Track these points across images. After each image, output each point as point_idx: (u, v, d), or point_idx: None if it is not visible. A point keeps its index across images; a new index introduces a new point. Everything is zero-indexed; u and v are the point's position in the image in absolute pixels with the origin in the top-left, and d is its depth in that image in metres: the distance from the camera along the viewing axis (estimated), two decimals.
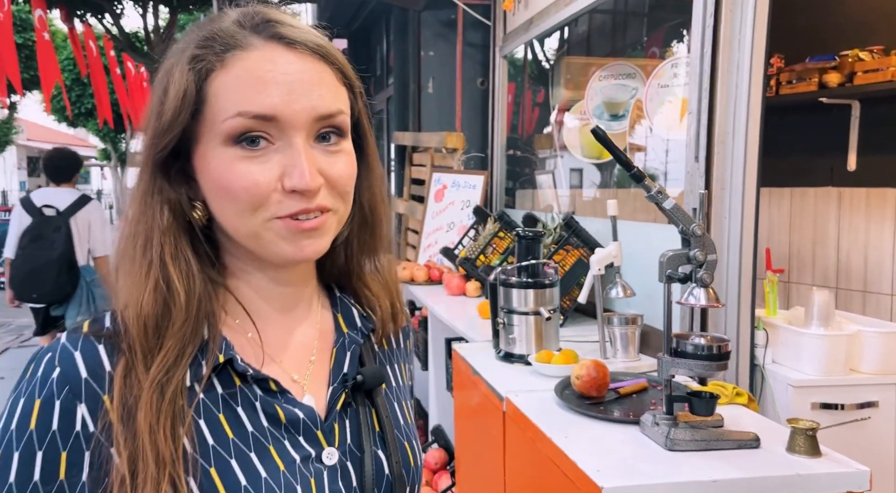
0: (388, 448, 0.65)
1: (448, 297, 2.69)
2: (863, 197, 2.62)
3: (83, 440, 0.54)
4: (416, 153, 3.94)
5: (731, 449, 1.13)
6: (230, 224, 0.59)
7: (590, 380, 1.38)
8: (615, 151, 1.17)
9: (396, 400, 0.70)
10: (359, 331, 0.69)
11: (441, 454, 2.43)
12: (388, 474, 0.64)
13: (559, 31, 3.27)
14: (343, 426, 0.63)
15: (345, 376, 0.65)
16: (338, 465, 0.61)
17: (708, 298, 1.14)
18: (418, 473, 0.68)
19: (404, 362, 0.76)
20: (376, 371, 0.66)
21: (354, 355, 0.67)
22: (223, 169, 0.57)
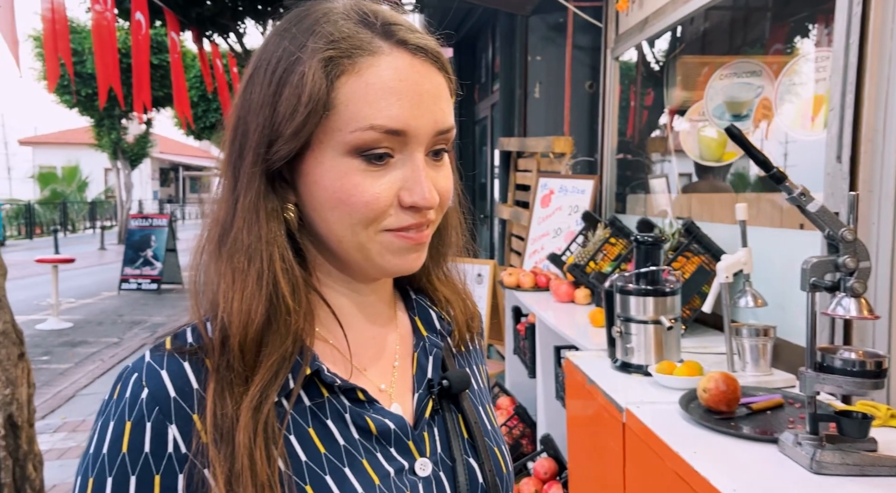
0: (480, 456, 0.62)
1: (556, 304, 2.65)
2: None
3: (176, 462, 0.52)
4: (522, 159, 3.92)
5: (888, 476, 1.02)
6: (335, 235, 0.57)
7: (718, 393, 1.30)
8: (752, 150, 1.10)
9: (480, 404, 0.68)
10: (438, 334, 0.67)
11: (551, 464, 2.39)
12: (483, 482, 0.61)
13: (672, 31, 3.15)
14: (432, 435, 0.61)
15: (430, 381, 0.63)
16: (431, 476, 0.59)
17: (860, 309, 1.05)
18: (511, 480, 0.66)
19: (481, 364, 0.74)
20: (462, 374, 0.64)
21: (437, 359, 0.65)
22: (343, 180, 0.55)
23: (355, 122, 0.54)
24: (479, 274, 3.62)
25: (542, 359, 2.59)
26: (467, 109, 6.24)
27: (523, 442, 2.76)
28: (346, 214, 0.56)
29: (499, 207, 4.32)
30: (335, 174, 0.55)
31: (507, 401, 3.01)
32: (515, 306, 3.07)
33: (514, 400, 2.99)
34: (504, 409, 2.95)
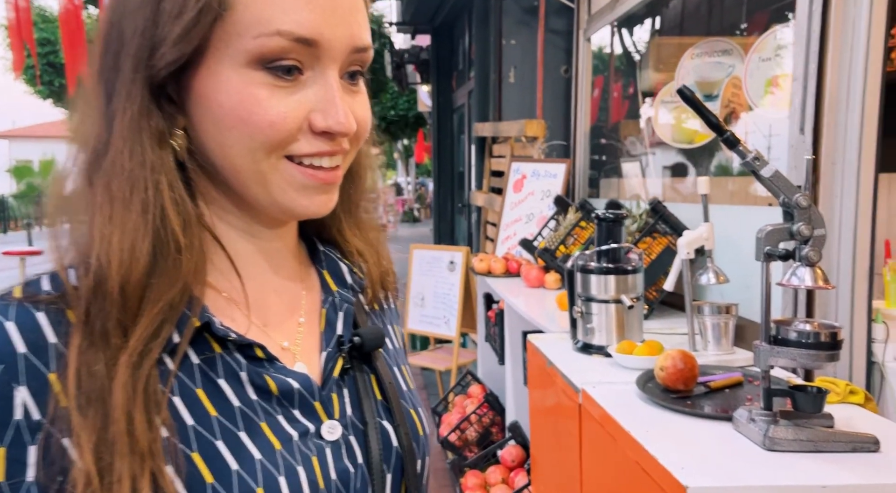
0: (395, 418, 0.56)
1: (527, 289, 2.60)
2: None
3: (27, 431, 0.44)
4: (496, 144, 3.86)
5: (844, 452, 0.98)
6: (232, 163, 0.50)
7: (675, 372, 1.25)
8: (705, 113, 1.05)
9: (395, 365, 0.62)
10: (349, 288, 0.60)
11: (518, 451, 2.34)
12: (397, 446, 0.56)
13: (649, 15, 3.10)
14: (342, 396, 0.55)
15: (340, 338, 0.56)
16: (341, 440, 0.53)
17: (815, 278, 1.00)
18: (427, 443, 0.60)
19: (396, 324, 0.68)
20: (375, 331, 0.58)
21: (348, 316, 0.58)
22: (244, 95, 0.48)
23: (259, 25, 0.47)
24: (452, 261, 3.57)
25: (511, 345, 2.54)
26: (445, 98, 6.17)
27: (493, 430, 2.72)
28: (247, 137, 0.48)
29: (473, 194, 4.27)
30: (234, 88, 0.47)
31: (477, 389, 2.97)
32: (487, 292, 3.02)
33: (485, 388, 2.95)
34: (475, 397, 2.91)
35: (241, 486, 0.46)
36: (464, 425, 2.71)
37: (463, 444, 2.72)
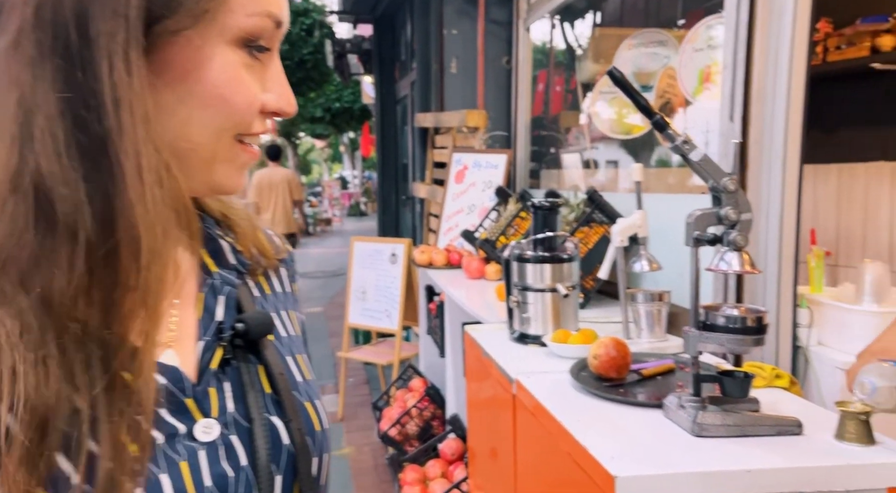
0: (286, 413, 0.51)
1: (468, 281, 2.57)
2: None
3: None
4: (439, 135, 3.82)
5: (769, 436, 0.98)
6: (190, 139, 0.47)
7: (608, 360, 1.24)
8: (635, 95, 1.03)
9: (289, 353, 0.56)
10: (233, 270, 0.54)
11: (458, 444, 2.32)
12: (289, 444, 0.50)
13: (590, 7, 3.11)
14: (222, 391, 0.49)
15: (220, 325, 0.51)
16: (219, 441, 0.47)
17: (742, 263, 1.00)
18: (326, 438, 0.55)
19: (293, 310, 0.62)
20: (262, 316, 0.52)
21: (231, 300, 0.52)
22: (230, 76, 0.46)
23: (251, 4, 0.46)
24: (394, 254, 3.51)
25: (452, 337, 2.51)
26: (388, 89, 6.09)
27: (434, 424, 2.68)
28: (223, 116, 0.47)
29: (416, 186, 4.22)
30: (220, 65, 0.46)
31: (419, 383, 2.93)
32: (428, 284, 2.98)
33: (427, 381, 2.91)
34: (416, 391, 2.87)
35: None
36: (404, 419, 2.67)
37: (403, 438, 2.67)
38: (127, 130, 0.41)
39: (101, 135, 0.40)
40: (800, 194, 1.38)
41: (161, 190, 0.42)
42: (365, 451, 3.16)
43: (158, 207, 0.42)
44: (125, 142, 0.41)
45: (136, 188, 0.41)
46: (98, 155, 0.40)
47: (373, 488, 2.78)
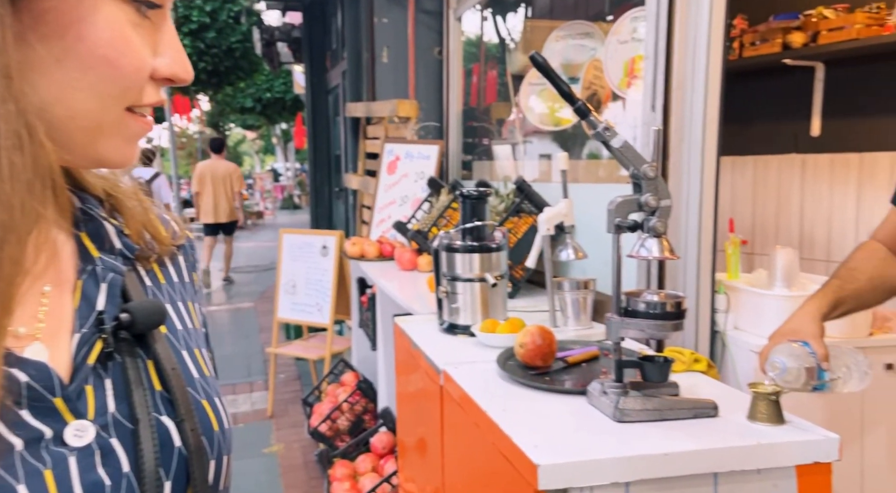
0: (179, 412, 0.46)
1: (400, 272, 2.54)
2: (826, 164, 2.54)
3: None
4: (371, 126, 3.76)
5: (686, 419, 1.00)
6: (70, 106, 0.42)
7: (534, 348, 1.24)
8: (557, 82, 1.03)
9: (186, 348, 0.51)
10: (118, 255, 0.49)
11: (389, 438, 2.29)
12: (181, 446, 0.46)
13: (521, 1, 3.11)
14: (102, 389, 0.44)
15: (100, 315, 0.45)
16: (94, 445, 0.42)
17: (661, 249, 1.01)
18: (226, 439, 0.50)
19: (192, 301, 0.57)
20: (152, 306, 0.47)
21: (115, 288, 0.47)
22: (115, 34, 0.41)
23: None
24: (325, 246, 3.44)
25: (383, 330, 2.47)
26: (319, 78, 5.96)
27: (366, 418, 2.65)
28: (108, 81, 0.42)
29: (348, 177, 4.15)
30: (105, 22, 0.41)
31: (351, 377, 2.88)
32: (360, 277, 2.94)
33: (359, 375, 2.87)
34: (348, 385, 2.82)
35: None
36: (335, 414, 2.62)
37: (334, 434, 2.62)
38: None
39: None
40: (717, 184, 1.42)
41: (22, 157, 0.37)
42: (294, 448, 3.09)
43: (16, 177, 0.37)
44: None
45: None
46: None
47: (302, 485, 2.72)
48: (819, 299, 1.17)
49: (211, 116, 19.36)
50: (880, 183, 2.34)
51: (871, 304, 1.24)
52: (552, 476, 0.88)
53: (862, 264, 1.20)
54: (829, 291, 1.18)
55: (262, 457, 2.99)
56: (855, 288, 1.17)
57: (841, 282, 1.19)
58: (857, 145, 2.42)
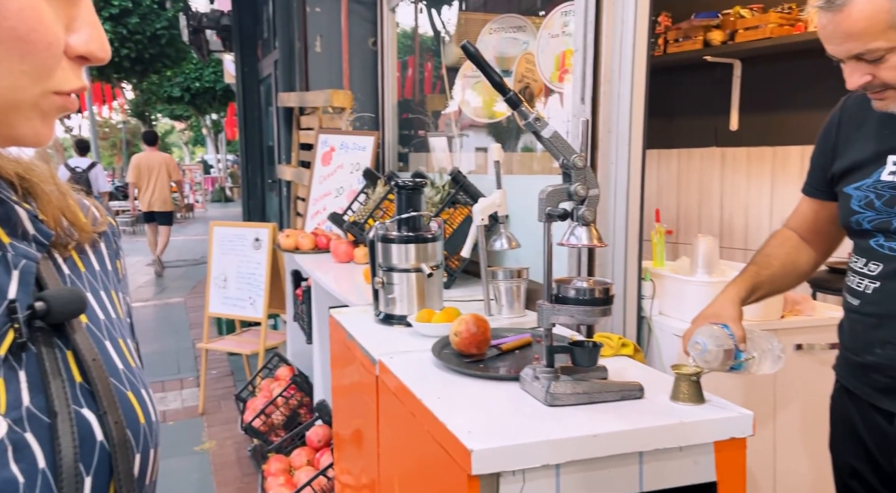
0: (101, 405, 0.44)
1: (336, 265, 2.52)
2: (744, 157, 2.67)
3: None
4: (304, 116, 3.69)
5: (614, 401, 1.04)
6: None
7: (469, 336, 1.25)
8: (489, 71, 1.04)
9: (109, 338, 0.49)
10: (32, 241, 0.46)
11: (325, 431, 2.27)
12: (103, 440, 0.44)
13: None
14: (15, 381, 0.42)
15: (12, 304, 0.43)
16: (6, 440, 0.40)
17: (590, 237, 1.04)
18: (154, 433, 0.48)
19: (116, 290, 0.54)
20: (70, 294, 0.45)
21: (28, 276, 0.45)
22: (25, 7, 0.39)
23: None
24: (257, 239, 3.36)
25: (319, 323, 2.44)
26: (250, 68, 5.79)
27: (301, 412, 2.61)
28: (17, 57, 0.40)
29: (281, 168, 4.06)
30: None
31: (286, 371, 2.84)
32: (295, 269, 2.89)
33: (294, 369, 2.83)
34: (283, 379, 2.77)
35: None
36: (269, 409, 2.57)
37: (269, 429, 2.58)
38: None
39: None
40: (643, 174, 1.48)
41: None
42: (227, 445, 3.01)
43: None
44: None
45: None
46: None
47: (234, 482, 2.67)
48: (737, 285, 1.23)
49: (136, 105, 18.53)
50: (791, 175, 2.49)
51: (784, 288, 1.31)
52: (485, 461, 0.89)
53: (776, 251, 1.27)
54: (746, 277, 1.24)
55: (193, 455, 2.91)
56: (770, 274, 1.24)
57: (757, 268, 1.25)
58: (772, 139, 2.56)
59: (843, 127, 1.20)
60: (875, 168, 1.11)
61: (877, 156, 1.12)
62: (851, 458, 1.19)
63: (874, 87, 1.05)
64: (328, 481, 2.02)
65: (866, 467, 1.16)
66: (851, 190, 1.14)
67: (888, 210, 1.08)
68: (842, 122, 1.20)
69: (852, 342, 1.17)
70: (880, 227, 1.10)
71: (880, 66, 1.02)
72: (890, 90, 1.04)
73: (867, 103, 1.12)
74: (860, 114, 1.17)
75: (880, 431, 1.12)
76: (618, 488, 0.96)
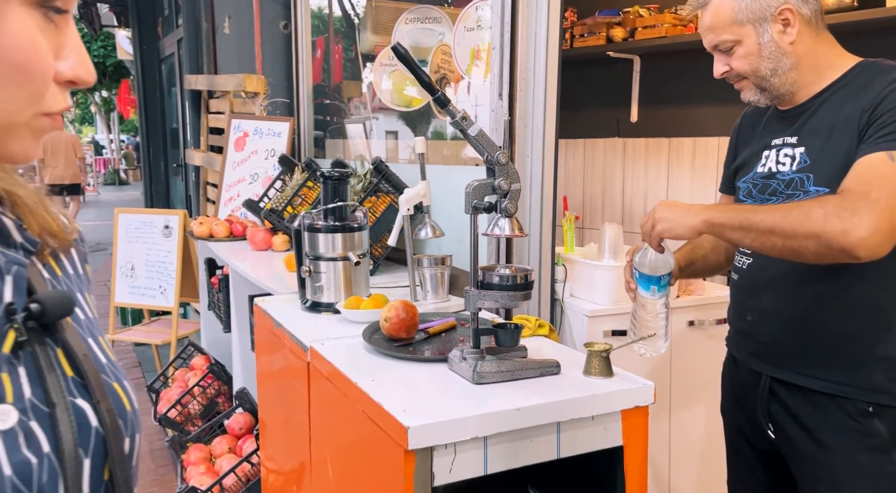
0: (93, 395, 0.50)
1: (253, 253, 2.50)
2: (643, 147, 2.87)
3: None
4: (214, 99, 3.58)
5: (534, 377, 1.14)
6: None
7: (398, 321, 1.32)
8: (418, 72, 1.10)
9: (91, 336, 0.55)
10: (19, 248, 0.51)
11: (247, 418, 2.27)
12: (97, 426, 0.49)
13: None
14: (16, 375, 0.47)
15: (10, 307, 0.47)
16: (17, 427, 0.45)
17: (512, 228, 1.13)
18: (136, 419, 0.54)
19: (88, 292, 0.60)
20: (61, 297, 0.50)
21: (20, 281, 0.49)
22: (23, 40, 0.43)
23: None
24: (167, 226, 3.26)
25: (237, 311, 2.43)
26: (150, 46, 5.51)
27: (219, 400, 2.59)
28: (14, 85, 0.44)
29: (190, 153, 3.93)
30: (14, 28, 0.43)
31: (201, 360, 2.79)
32: (209, 257, 2.83)
33: (210, 358, 2.79)
34: (198, 368, 2.73)
35: None
36: (185, 399, 2.53)
37: (185, 419, 2.54)
38: None
39: None
40: (556, 166, 1.59)
41: None
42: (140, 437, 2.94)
43: None
44: None
45: None
46: None
47: (150, 473, 2.61)
48: (679, 253, 1.36)
49: None
50: (685, 164, 2.71)
51: (713, 270, 1.45)
52: (420, 436, 0.97)
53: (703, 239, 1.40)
54: (685, 250, 1.38)
55: None
56: (703, 253, 1.38)
57: (692, 246, 1.39)
58: (668, 131, 2.77)
59: (742, 132, 1.36)
60: (755, 163, 1.28)
61: (756, 152, 1.28)
62: (737, 417, 1.36)
63: (732, 76, 1.24)
64: (252, 467, 2.04)
65: (747, 423, 1.34)
66: (741, 183, 1.30)
67: (761, 197, 1.25)
68: (741, 127, 1.37)
69: (732, 313, 1.34)
70: None
71: (731, 57, 1.20)
72: (745, 80, 1.22)
73: (760, 108, 1.28)
74: (754, 119, 1.33)
75: (754, 390, 1.29)
76: (538, 455, 1.06)
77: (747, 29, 1.18)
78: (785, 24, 1.17)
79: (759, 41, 1.18)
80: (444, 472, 0.99)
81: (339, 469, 1.27)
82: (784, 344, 1.22)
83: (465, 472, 1.00)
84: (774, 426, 1.26)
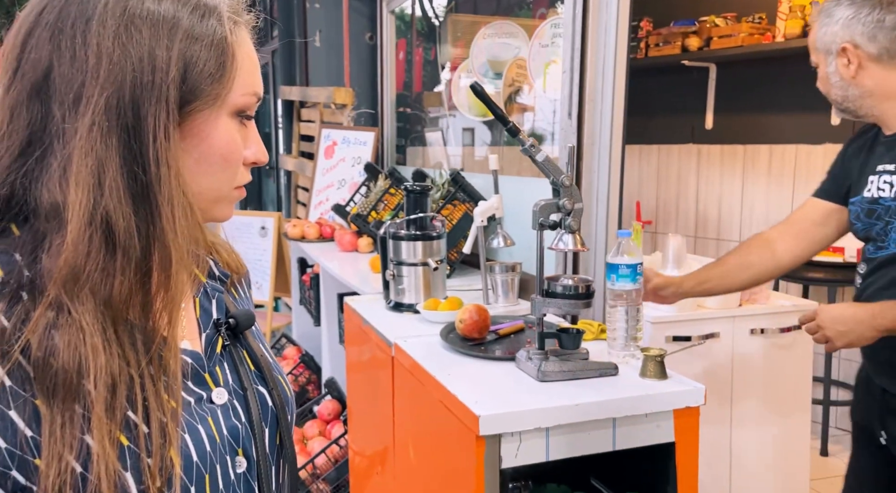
0: (269, 384, 0.70)
1: (340, 253, 2.71)
2: (717, 154, 2.90)
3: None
4: (305, 109, 3.86)
5: (593, 377, 1.26)
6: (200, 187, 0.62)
7: (472, 323, 1.47)
8: (493, 106, 1.24)
9: (261, 343, 0.75)
10: (217, 279, 0.72)
11: (334, 405, 2.50)
12: (272, 406, 0.69)
13: None
14: (223, 368, 0.67)
15: (217, 321, 0.68)
16: (228, 403, 0.65)
17: (575, 243, 1.26)
18: (293, 403, 0.75)
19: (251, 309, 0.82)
20: (247, 313, 0.70)
21: (220, 302, 0.70)
22: (229, 140, 0.61)
23: (246, 86, 0.62)
24: (263, 227, 3.55)
25: (327, 307, 2.65)
26: None
27: (309, 388, 2.84)
28: (222, 170, 0.62)
29: (283, 158, 4.23)
30: (225, 133, 0.61)
31: (293, 351, 3.05)
32: (301, 257, 3.08)
33: (301, 349, 3.04)
34: (290, 358, 2.99)
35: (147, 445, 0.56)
36: None
37: None
38: (164, 180, 0.56)
39: (147, 184, 0.56)
40: (622, 183, 1.69)
41: (186, 222, 0.58)
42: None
43: (184, 234, 0.58)
44: (163, 188, 0.56)
45: (170, 220, 0.56)
46: (145, 197, 0.56)
47: None
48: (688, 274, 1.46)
49: None
50: (760, 171, 2.72)
51: (736, 285, 1.54)
52: (490, 424, 1.12)
53: (735, 252, 1.49)
54: (700, 270, 1.48)
55: None
56: (721, 270, 1.47)
57: (713, 265, 1.48)
58: (743, 138, 2.79)
59: (850, 147, 1.44)
60: (862, 187, 1.36)
61: (863, 176, 1.36)
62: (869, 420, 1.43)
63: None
64: (339, 449, 2.25)
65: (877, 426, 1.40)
66: (850, 206, 1.41)
67: (868, 221, 1.33)
68: (851, 142, 1.46)
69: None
70: (866, 236, 1.35)
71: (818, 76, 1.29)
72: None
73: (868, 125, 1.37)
74: (863, 139, 1.41)
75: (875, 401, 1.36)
76: (595, 446, 1.19)
77: (821, 56, 1.28)
78: (847, 58, 1.25)
79: (827, 70, 1.27)
80: (511, 456, 1.13)
81: (418, 452, 1.44)
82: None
83: (529, 457, 1.15)
84: (886, 433, 1.33)
